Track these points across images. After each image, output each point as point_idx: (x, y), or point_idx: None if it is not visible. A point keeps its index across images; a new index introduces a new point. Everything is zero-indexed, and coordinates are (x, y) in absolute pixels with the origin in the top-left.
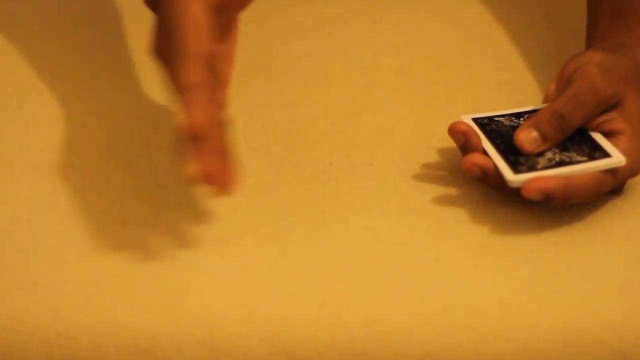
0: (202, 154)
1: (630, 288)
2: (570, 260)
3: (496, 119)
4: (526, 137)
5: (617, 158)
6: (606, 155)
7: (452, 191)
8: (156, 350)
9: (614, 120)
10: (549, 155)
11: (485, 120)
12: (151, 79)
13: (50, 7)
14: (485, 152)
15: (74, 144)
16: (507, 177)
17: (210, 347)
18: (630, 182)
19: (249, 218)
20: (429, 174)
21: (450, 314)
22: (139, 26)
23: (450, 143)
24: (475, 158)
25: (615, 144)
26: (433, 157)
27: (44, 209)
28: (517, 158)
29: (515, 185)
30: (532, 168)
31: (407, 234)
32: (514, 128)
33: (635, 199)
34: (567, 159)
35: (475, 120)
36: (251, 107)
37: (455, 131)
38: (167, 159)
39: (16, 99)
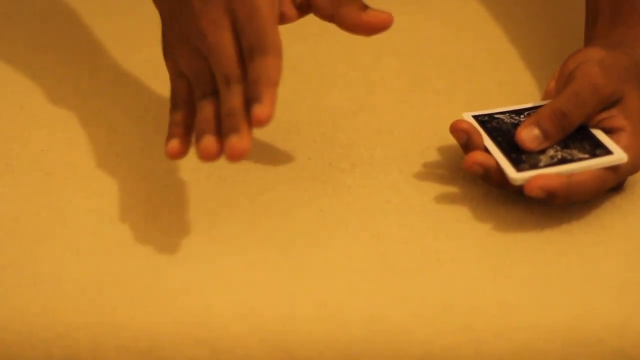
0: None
1: (630, 288)
2: (570, 260)
3: (497, 116)
4: (528, 135)
5: (618, 155)
6: (608, 152)
7: (452, 190)
8: (156, 350)
9: (615, 117)
10: (551, 152)
11: (486, 118)
12: (151, 79)
13: (50, 7)
14: (486, 150)
15: (74, 143)
16: (509, 175)
17: (210, 347)
18: (630, 179)
19: (249, 218)
20: (429, 173)
21: (450, 314)
22: (139, 26)
23: (450, 142)
24: (477, 156)
25: (616, 141)
26: (433, 157)
27: (44, 209)
28: (518, 156)
29: (518, 183)
30: (534, 166)
31: (407, 233)
32: (515, 125)
33: (635, 196)
34: (568, 157)
35: (476, 117)
36: None
37: (457, 129)
38: (167, 159)
39: (16, 99)
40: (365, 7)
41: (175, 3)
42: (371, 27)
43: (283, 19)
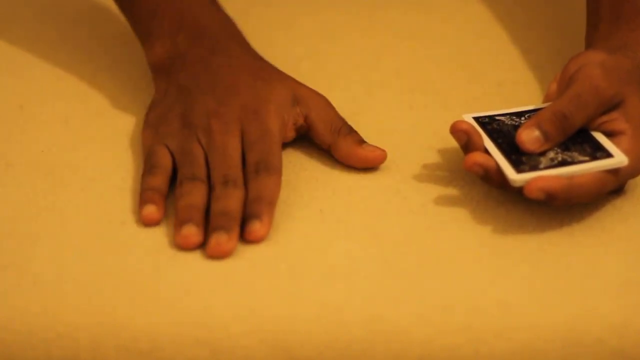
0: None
1: (630, 288)
2: (570, 260)
3: (497, 118)
4: (528, 137)
5: (619, 158)
6: (608, 155)
7: (452, 191)
8: (156, 350)
9: (616, 120)
10: (551, 154)
11: (487, 119)
12: (151, 79)
13: (50, 7)
14: (486, 151)
15: (74, 144)
16: (509, 176)
17: (210, 347)
18: (630, 182)
19: None
20: (429, 174)
21: (450, 314)
22: None
23: (450, 143)
24: (477, 157)
25: (616, 144)
26: (433, 157)
27: (44, 209)
28: (519, 157)
29: (518, 184)
30: (535, 167)
31: (407, 234)
32: (516, 127)
33: (635, 199)
34: (569, 159)
35: (476, 119)
36: None
37: (457, 130)
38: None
39: (16, 99)
40: (361, 142)
41: (183, 91)
42: (365, 161)
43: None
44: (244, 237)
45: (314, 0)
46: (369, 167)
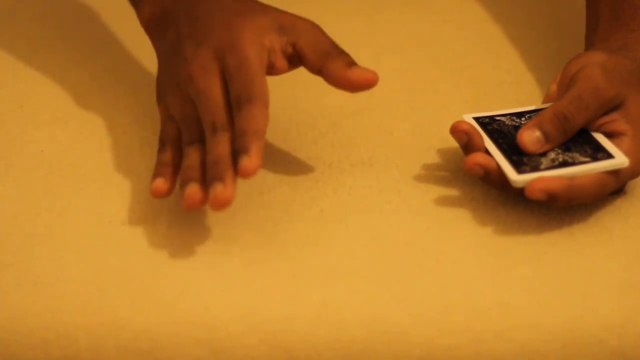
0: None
1: (630, 288)
2: (570, 260)
3: (497, 118)
4: (529, 137)
5: (620, 159)
6: (609, 156)
7: (452, 191)
8: (156, 350)
9: (616, 121)
10: (552, 155)
11: (487, 120)
12: (151, 79)
13: (50, 7)
14: (487, 152)
15: (74, 143)
16: (510, 177)
17: (210, 347)
18: (630, 182)
19: (249, 218)
20: (429, 174)
21: (450, 314)
22: (140, 26)
23: (450, 143)
24: (478, 157)
25: (617, 145)
26: (433, 157)
27: (44, 209)
28: (520, 158)
29: (519, 185)
30: (536, 168)
31: (407, 234)
32: (516, 128)
33: (635, 199)
34: (570, 160)
35: (476, 119)
36: None
37: (457, 130)
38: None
39: (16, 99)
40: (351, 64)
41: (171, 49)
42: (355, 84)
43: (273, 70)
44: (236, 174)
45: (314, 0)
46: (360, 91)
